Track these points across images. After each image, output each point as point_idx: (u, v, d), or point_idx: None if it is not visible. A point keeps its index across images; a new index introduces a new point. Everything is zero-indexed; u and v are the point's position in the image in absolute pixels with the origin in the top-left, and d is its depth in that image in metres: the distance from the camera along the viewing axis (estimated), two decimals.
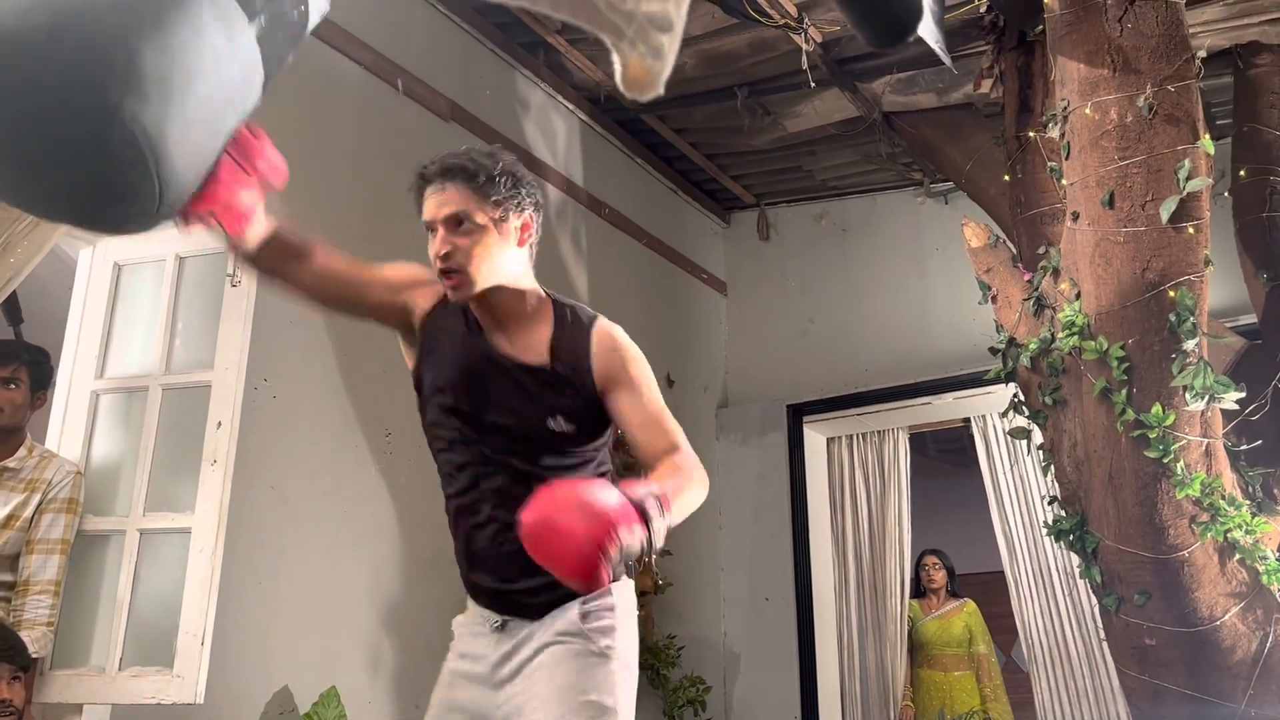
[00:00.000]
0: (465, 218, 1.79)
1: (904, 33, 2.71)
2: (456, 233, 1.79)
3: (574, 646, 1.77)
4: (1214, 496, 2.85)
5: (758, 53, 4.36)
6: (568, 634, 1.78)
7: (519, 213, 1.85)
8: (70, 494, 2.68)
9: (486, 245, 1.80)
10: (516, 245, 1.86)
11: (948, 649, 5.37)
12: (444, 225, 1.80)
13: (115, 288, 2.96)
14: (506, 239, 1.84)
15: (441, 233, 1.80)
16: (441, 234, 1.80)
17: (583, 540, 1.43)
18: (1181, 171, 2.76)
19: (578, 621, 1.79)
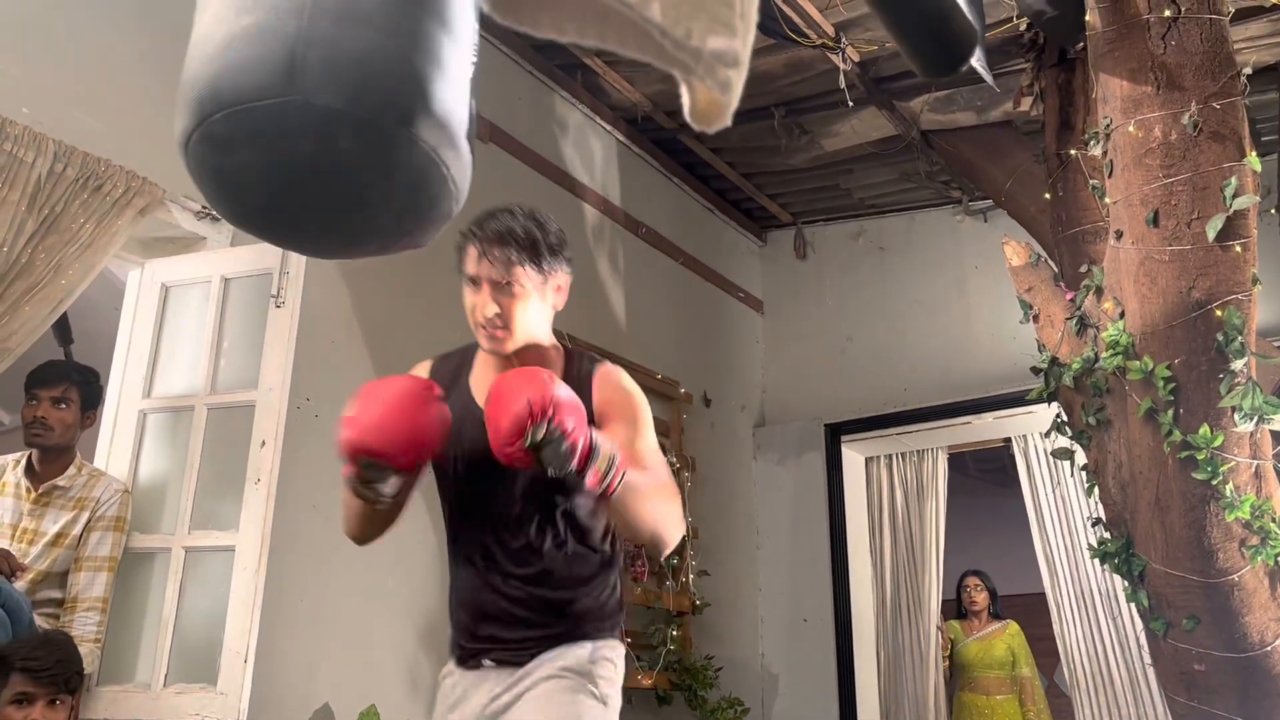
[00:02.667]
0: (515, 282, 1.86)
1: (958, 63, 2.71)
2: (502, 293, 1.86)
3: (574, 683, 1.81)
4: (1264, 519, 2.79)
5: (795, 72, 4.37)
6: (572, 670, 1.82)
7: (556, 276, 1.94)
8: (118, 512, 2.72)
9: (528, 306, 1.88)
10: (550, 305, 1.95)
11: (990, 671, 5.29)
12: (491, 285, 1.86)
13: (163, 308, 3.02)
14: (544, 299, 1.92)
15: (488, 291, 1.86)
16: (488, 292, 1.86)
17: (512, 402, 1.61)
18: (1228, 189, 2.72)
19: (586, 662, 1.84)
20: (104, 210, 2.65)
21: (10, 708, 2.26)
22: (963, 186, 5.23)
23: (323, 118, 0.92)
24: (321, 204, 0.98)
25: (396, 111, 0.94)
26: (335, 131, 0.92)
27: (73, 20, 2.88)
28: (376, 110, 0.93)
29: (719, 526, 5.10)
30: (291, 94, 0.91)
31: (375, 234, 1.04)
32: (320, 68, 0.91)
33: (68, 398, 2.74)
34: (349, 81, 0.92)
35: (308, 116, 0.92)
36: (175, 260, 3.06)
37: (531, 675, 1.84)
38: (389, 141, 0.94)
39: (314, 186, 0.96)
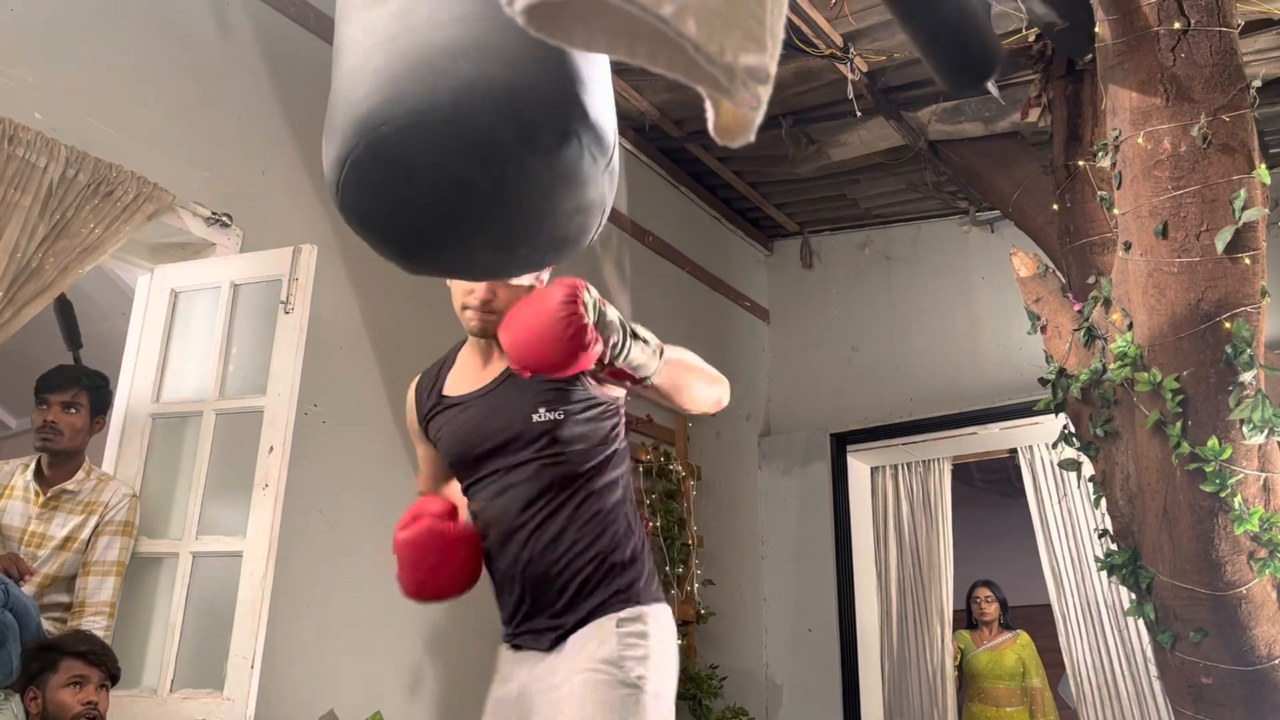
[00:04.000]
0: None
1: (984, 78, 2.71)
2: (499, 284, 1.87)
3: (605, 677, 1.76)
4: (1273, 532, 2.78)
5: (803, 82, 4.38)
6: (604, 661, 1.78)
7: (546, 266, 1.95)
8: (126, 516, 2.72)
9: (518, 295, 1.87)
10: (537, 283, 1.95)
11: (1000, 682, 5.27)
12: None
13: (172, 314, 3.03)
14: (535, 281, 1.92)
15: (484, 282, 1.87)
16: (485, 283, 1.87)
17: (551, 308, 1.52)
18: (1237, 201, 2.72)
19: (613, 648, 1.79)
20: (114, 215, 2.66)
21: (65, 690, 2.32)
22: (970, 197, 5.24)
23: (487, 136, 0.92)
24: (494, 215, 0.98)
25: (560, 122, 0.95)
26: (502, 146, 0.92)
27: (85, 27, 2.89)
28: (538, 124, 0.94)
29: (724, 536, 5.10)
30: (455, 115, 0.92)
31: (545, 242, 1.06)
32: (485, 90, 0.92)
33: (78, 402, 2.75)
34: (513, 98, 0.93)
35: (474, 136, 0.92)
36: (185, 266, 3.07)
37: (565, 666, 1.81)
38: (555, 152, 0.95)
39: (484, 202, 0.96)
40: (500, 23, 0.91)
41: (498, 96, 0.92)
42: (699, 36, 0.61)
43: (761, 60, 0.62)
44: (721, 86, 0.62)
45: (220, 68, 3.21)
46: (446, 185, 0.95)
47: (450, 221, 0.99)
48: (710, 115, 0.64)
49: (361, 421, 3.39)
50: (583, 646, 1.80)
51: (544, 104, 0.94)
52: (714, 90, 0.63)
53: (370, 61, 0.95)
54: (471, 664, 3.22)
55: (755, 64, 0.62)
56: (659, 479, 4.63)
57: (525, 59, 0.94)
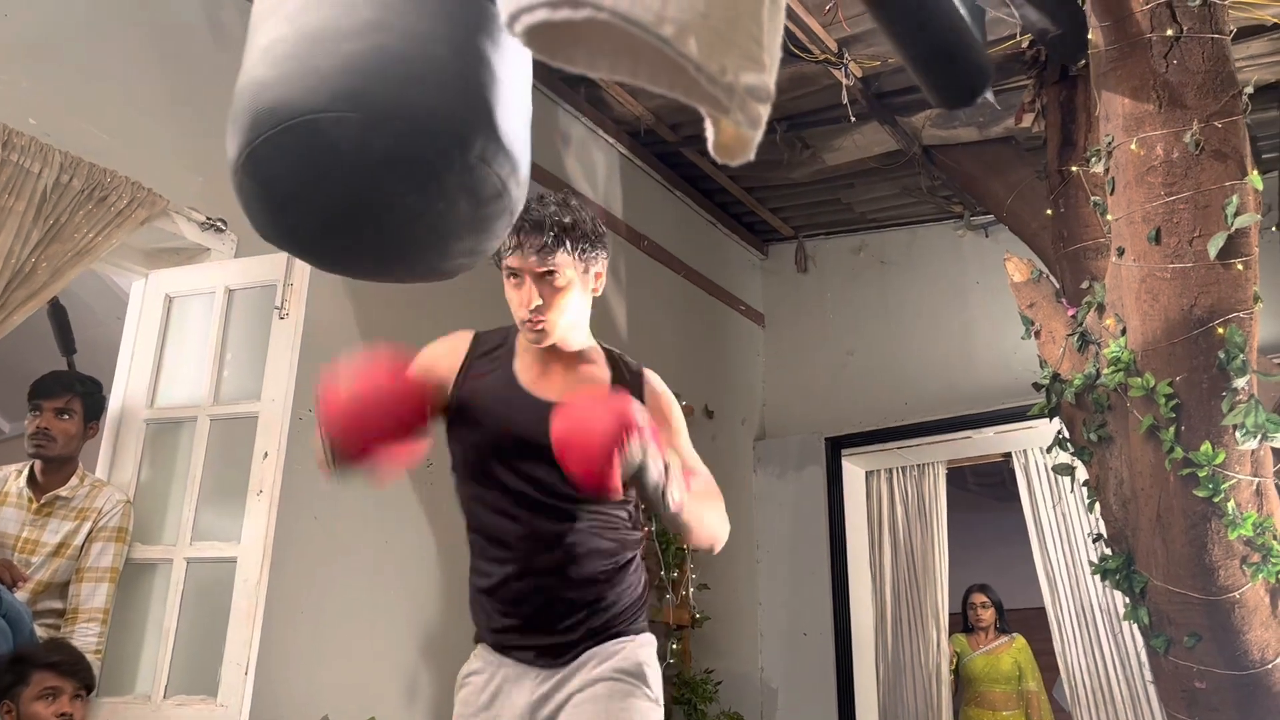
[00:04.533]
0: (556, 271, 1.83)
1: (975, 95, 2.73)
2: (544, 284, 1.83)
3: (629, 686, 1.77)
4: (1266, 536, 2.79)
5: (798, 87, 4.38)
6: (626, 673, 1.78)
7: (596, 264, 1.92)
8: (120, 523, 2.72)
9: (571, 297, 1.86)
10: (590, 292, 1.93)
11: (996, 685, 5.28)
12: (533, 277, 1.83)
13: (166, 319, 3.03)
14: (585, 289, 1.91)
15: (530, 282, 1.83)
16: (530, 283, 1.83)
17: (601, 431, 1.52)
18: (1229, 207, 2.73)
19: (638, 665, 1.80)
20: (108, 220, 2.66)
21: (38, 703, 2.31)
22: (964, 202, 5.25)
23: (387, 136, 0.91)
24: (385, 221, 0.97)
25: (460, 134, 0.93)
26: (398, 150, 0.91)
27: (80, 32, 2.89)
28: (439, 134, 0.92)
29: None
30: (353, 111, 0.90)
31: (438, 253, 1.03)
32: (386, 86, 0.91)
33: (71, 409, 2.74)
34: (413, 102, 0.91)
35: (371, 134, 0.91)
36: (179, 271, 3.06)
37: (581, 675, 1.80)
38: (450, 164, 0.93)
39: (376, 204, 0.95)
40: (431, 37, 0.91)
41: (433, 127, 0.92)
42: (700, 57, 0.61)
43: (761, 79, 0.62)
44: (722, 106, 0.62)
45: (215, 73, 3.20)
46: (337, 182, 0.94)
47: (336, 232, 0.99)
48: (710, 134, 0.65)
49: None
50: (602, 660, 1.81)
51: (448, 110, 0.93)
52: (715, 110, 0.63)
53: (291, 48, 0.95)
54: None
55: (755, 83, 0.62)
56: None
57: (434, 61, 0.93)
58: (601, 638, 1.82)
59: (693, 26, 0.60)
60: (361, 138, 0.90)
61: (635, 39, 0.61)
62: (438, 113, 0.92)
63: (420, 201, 0.94)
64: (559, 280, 1.83)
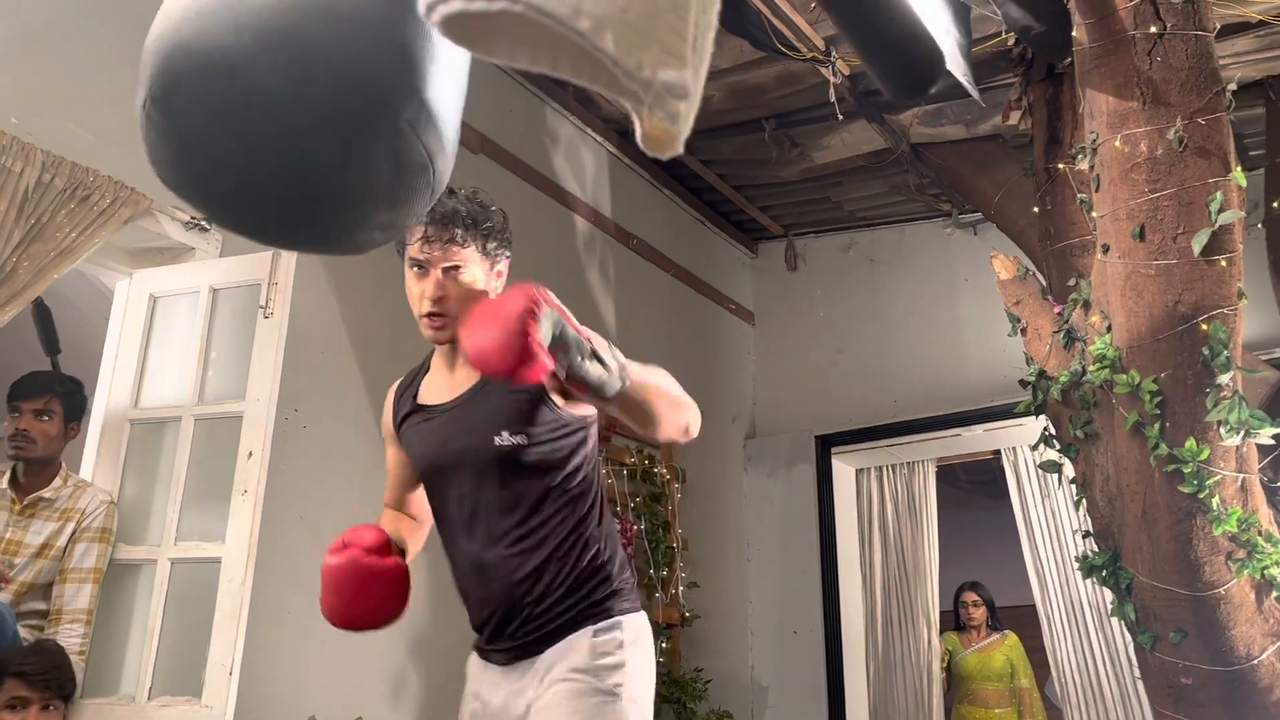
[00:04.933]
0: (461, 266, 1.84)
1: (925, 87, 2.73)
2: (448, 278, 1.84)
3: (580, 685, 1.75)
4: (1250, 533, 2.80)
5: (785, 85, 4.38)
6: (577, 671, 1.77)
7: (499, 259, 1.92)
8: (104, 523, 2.71)
9: (472, 291, 1.85)
10: (491, 290, 1.92)
11: (988, 683, 5.29)
12: (436, 269, 1.84)
13: (151, 318, 3.01)
14: (487, 284, 1.90)
15: (435, 276, 1.83)
16: (435, 278, 1.83)
17: (505, 316, 1.47)
18: (1213, 204, 2.73)
19: (587, 658, 1.78)
20: (90, 220, 2.65)
21: (4, 713, 2.27)
22: (952, 200, 5.25)
23: (313, 88, 0.85)
24: (301, 182, 0.91)
25: (391, 95, 0.88)
26: (325, 104, 0.86)
27: (63, 31, 2.88)
28: (369, 91, 0.87)
29: (709, 538, 5.10)
30: (278, 56, 0.84)
31: (350, 221, 0.98)
32: (317, 36, 0.85)
33: (50, 410, 2.72)
34: (344, 55, 0.86)
35: (298, 84, 0.85)
36: (164, 270, 3.05)
37: (541, 678, 1.80)
38: (379, 125, 0.88)
39: (295, 158, 0.89)
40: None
41: (364, 84, 0.86)
42: (616, 51, 0.61)
43: (681, 76, 0.62)
44: (640, 100, 0.62)
45: None
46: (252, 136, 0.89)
47: (248, 186, 0.93)
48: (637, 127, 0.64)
49: (343, 426, 3.38)
50: (560, 658, 1.79)
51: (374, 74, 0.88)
52: (633, 104, 0.63)
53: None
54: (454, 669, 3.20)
55: (674, 79, 0.62)
56: (643, 482, 4.63)
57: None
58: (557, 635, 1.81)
59: (610, 21, 0.60)
60: (287, 87, 0.85)
61: (554, 32, 0.60)
62: (370, 70, 0.87)
63: (342, 161, 0.89)
64: (464, 275, 1.84)
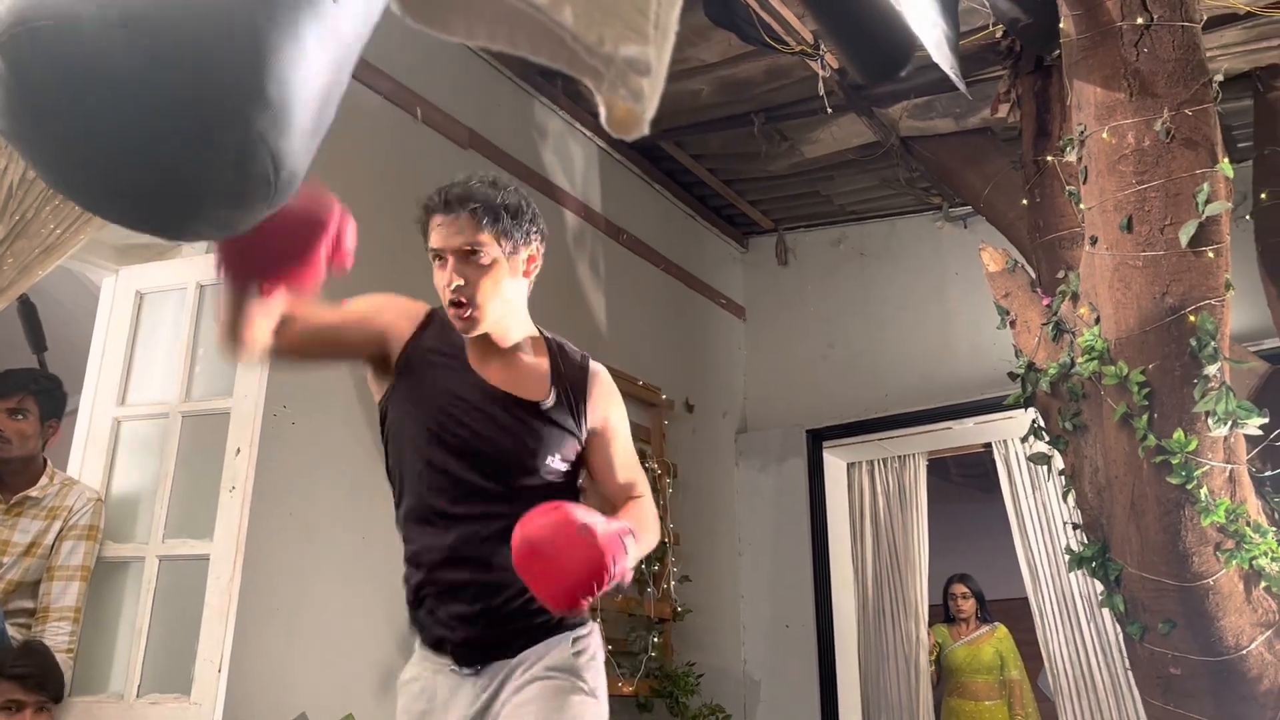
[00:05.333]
0: (479, 249, 1.76)
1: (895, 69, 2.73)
2: (468, 264, 1.76)
3: (564, 684, 1.73)
4: (1239, 523, 2.81)
5: (774, 79, 4.38)
6: (560, 670, 1.74)
7: (528, 245, 1.83)
8: (91, 521, 2.70)
9: (497, 278, 1.78)
10: (522, 277, 1.85)
11: (978, 676, 5.30)
12: (455, 256, 1.76)
13: (137, 316, 3.00)
14: (515, 272, 1.82)
15: (452, 263, 1.76)
16: (453, 264, 1.76)
17: (582, 566, 1.45)
18: (1200, 195, 2.74)
19: (570, 659, 1.75)
20: (75, 216, 2.63)
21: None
22: (942, 193, 5.26)
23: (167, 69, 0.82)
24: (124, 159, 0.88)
25: (240, 101, 0.84)
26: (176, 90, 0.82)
27: None
28: (217, 93, 0.84)
29: (701, 533, 5.10)
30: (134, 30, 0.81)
31: (183, 212, 0.94)
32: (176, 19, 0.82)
33: (24, 408, 2.69)
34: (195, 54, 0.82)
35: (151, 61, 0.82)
36: (150, 267, 3.04)
37: (515, 679, 1.74)
38: (223, 128, 0.85)
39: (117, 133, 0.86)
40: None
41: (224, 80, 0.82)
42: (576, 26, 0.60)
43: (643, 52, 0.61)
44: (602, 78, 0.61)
45: None
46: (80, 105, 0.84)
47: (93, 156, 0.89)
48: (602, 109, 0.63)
49: (332, 422, 3.37)
50: (538, 659, 1.75)
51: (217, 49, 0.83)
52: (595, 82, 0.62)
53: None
54: None
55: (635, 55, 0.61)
56: None
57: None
58: (536, 637, 1.77)
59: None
60: (139, 65, 0.82)
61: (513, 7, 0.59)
62: (229, 69, 0.84)
63: (184, 154, 0.86)
64: (483, 259, 1.75)
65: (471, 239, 1.75)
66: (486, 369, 1.83)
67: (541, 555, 1.48)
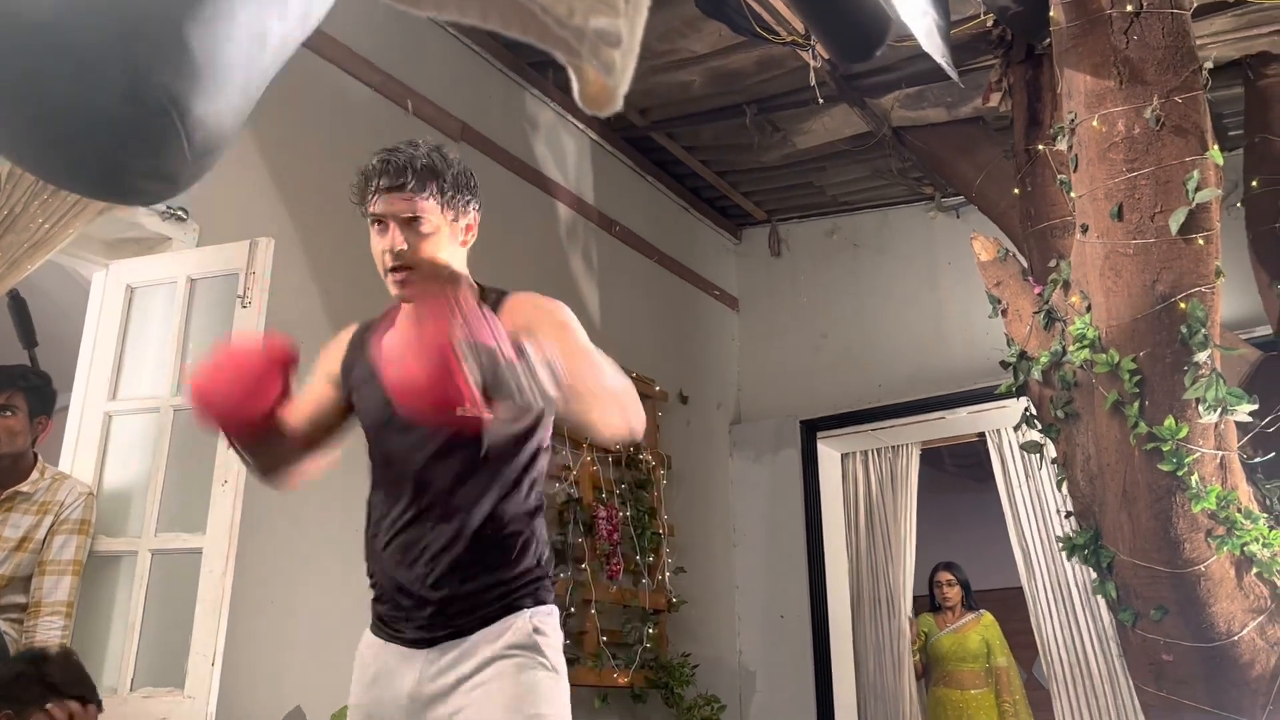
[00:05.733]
0: (421, 216, 1.77)
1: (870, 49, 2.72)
2: (409, 230, 1.77)
3: (525, 660, 1.69)
4: (1230, 510, 2.82)
5: (765, 70, 4.37)
6: (519, 647, 1.70)
7: (466, 214, 1.84)
8: (82, 515, 2.69)
9: (437, 245, 1.79)
10: (460, 245, 1.85)
11: (964, 664, 5.26)
12: (397, 223, 1.77)
13: (128, 310, 2.99)
14: (454, 239, 1.83)
15: (394, 229, 1.77)
16: (394, 231, 1.77)
17: (430, 347, 1.36)
18: (1190, 182, 2.74)
19: (531, 635, 1.72)
20: (63, 210, 2.62)
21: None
22: (935, 183, 5.26)
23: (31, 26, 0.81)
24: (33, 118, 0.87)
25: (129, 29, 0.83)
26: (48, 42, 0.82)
27: None
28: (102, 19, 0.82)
29: (695, 524, 5.11)
30: None
31: (83, 171, 0.93)
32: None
33: (13, 405, 2.69)
34: None
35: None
36: (140, 261, 3.03)
37: (472, 657, 1.70)
38: (104, 70, 0.83)
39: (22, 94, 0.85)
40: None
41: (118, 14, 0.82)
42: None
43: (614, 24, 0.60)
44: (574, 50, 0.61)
45: None
46: None
47: None
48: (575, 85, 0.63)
49: None
50: (496, 637, 1.72)
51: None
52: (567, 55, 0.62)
53: None
54: None
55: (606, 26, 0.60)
56: (629, 468, 4.63)
57: None
58: (490, 617, 1.73)
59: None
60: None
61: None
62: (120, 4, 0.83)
63: (73, 83, 0.84)
64: (424, 226, 1.77)
65: (415, 206, 1.76)
66: None
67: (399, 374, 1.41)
